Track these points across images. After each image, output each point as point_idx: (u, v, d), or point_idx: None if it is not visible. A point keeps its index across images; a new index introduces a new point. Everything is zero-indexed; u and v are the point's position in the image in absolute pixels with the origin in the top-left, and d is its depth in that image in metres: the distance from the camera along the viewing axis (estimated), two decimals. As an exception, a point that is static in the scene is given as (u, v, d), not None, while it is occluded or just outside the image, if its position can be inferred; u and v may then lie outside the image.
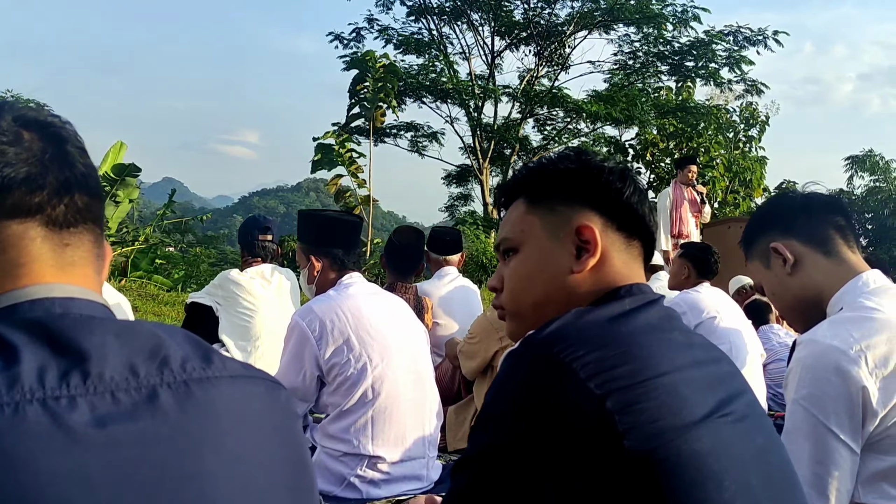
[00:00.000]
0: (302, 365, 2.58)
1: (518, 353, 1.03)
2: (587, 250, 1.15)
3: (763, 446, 1.06)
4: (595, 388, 0.94)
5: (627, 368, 0.97)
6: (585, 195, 1.17)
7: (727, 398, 1.05)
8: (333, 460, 2.55)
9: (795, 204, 1.76)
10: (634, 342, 1.02)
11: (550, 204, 1.19)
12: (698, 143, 20.43)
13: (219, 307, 3.74)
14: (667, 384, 0.98)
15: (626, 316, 1.08)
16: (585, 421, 0.93)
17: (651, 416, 0.94)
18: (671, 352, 1.04)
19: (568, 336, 1.01)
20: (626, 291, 1.13)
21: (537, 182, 1.21)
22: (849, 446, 1.45)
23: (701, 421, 0.98)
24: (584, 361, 0.96)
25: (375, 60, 15.37)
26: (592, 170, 1.19)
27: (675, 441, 0.94)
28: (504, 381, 1.02)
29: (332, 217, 2.81)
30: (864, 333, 1.48)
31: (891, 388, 1.44)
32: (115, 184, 12.31)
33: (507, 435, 0.98)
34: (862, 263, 1.69)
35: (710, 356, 1.12)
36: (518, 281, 1.20)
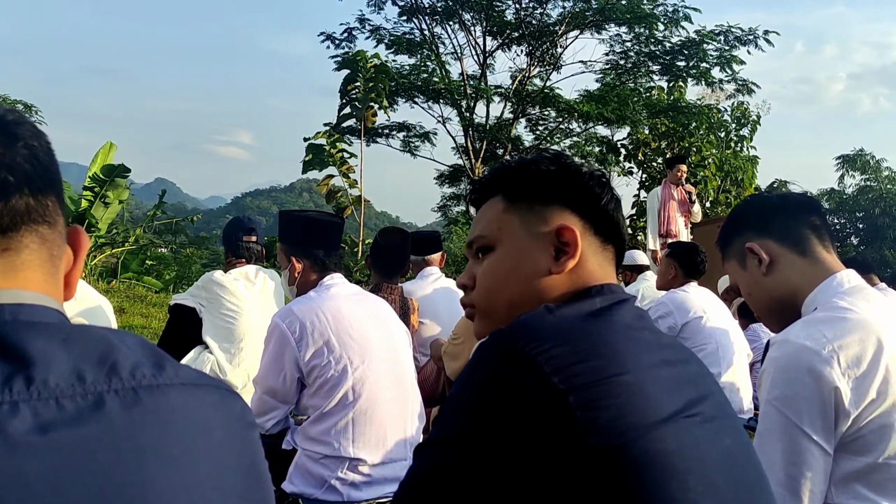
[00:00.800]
0: (282, 367, 2.56)
1: (486, 345, 1.02)
2: (566, 252, 1.15)
3: (730, 448, 1.05)
4: (559, 382, 0.94)
5: (592, 364, 0.97)
6: (565, 197, 1.17)
7: (695, 399, 1.05)
8: (314, 463, 2.54)
9: (771, 204, 1.76)
10: (601, 339, 1.02)
11: (530, 203, 1.18)
12: (690, 143, 20.45)
13: (202, 309, 3.72)
14: (632, 382, 0.98)
15: (596, 314, 1.08)
16: (548, 415, 0.93)
17: (615, 414, 0.94)
18: (639, 350, 1.04)
19: (535, 330, 1.01)
20: (597, 291, 1.13)
21: (517, 181, 1.20)
22: (821, 447, 1.44)
23: (666, 420, 0.97)
24: (550, 356, 0.96)
25: (366, 60, 15.36)
26: (573, 173, 1.19)
27: (639, 439, 0.94)
28: (470, 372, 1.02)
29: (313, 218, 2.80)
30: (836, 334, 1.48)
31: (863, 388, 1.43)
32: (104, 185, 12.27)
33: (469, 426, 0.98)
34: (837, 263, 1.68)
35: (679, 356, 1.11)
36: (493, 280, 1.19)
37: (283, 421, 2.70)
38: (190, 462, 0.80)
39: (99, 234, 12.75)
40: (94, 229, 12.51)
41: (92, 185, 12.26)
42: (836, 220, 30.01)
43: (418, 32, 21.39)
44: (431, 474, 1.00)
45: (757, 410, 4.48)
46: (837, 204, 29.44)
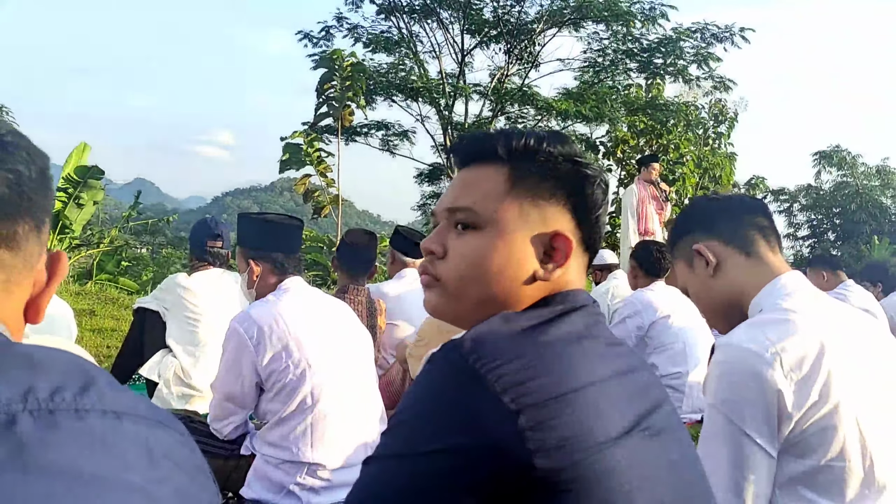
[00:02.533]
0: (240, 372, 2.53)
1: (437, 358, 0.98)
2: (555, 258, 1.08)
3: (677, 462, 1.03)
4: (509, 402, 0.91)
5: (543, 381, 0.94)
6: (569, 196, 1.10)
7: (645, 411, 1.03)
8: (273, 468, 2.51)
9: (718, 205, 1.76)
10: (554, 352, 0.99)
11: (534, 194, 1.09)
12: (668, 140, 20.56)
13: (166, 312, 3.69)
14: (583, 399, 0.95)
15: (551, 322, 1.04)
16: (497, 437, 0.90)
17: (564, 434, 0.92)
18: (592, 362, 1.01)
19: (487, 344, 0.97)
20: (561, 298, 1.09)
21: (529, 161, 1.10)
22: (765, 450, 1.44)
23: (617, 438, 0.95)
24: (500, 373, 0.93)
25: (343, 59, 15.29)
26: (582, 171, 1.11)
27: (587, 460, 0.92)
28: (420, 387, 0.99)
29: (272, 221, 2.77)
30: (779, 336, 1.48)
31: (805, 390, 1.43)
32: (78, 186, 12.16)
33: (415, 443, 0.94)
34: (782, 264, 1.68)
35: (630, 365, 1.08)
36: (474, 268, 1.09)
37: (241, 426, 2.68)
38: (100, 491, 0.77)
39: (73, 236, 12.64)
40: (68, 231, 12.40)
41: (65, 186, 12.15)
42: (813, 216, 30.25)
43: (396, 31, 21.32)
44: (376, 490, 0.96)
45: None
46: (814, 200, 29.66)
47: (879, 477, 1.43)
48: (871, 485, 1.43)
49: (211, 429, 2.68)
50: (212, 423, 2.67)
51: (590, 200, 1.11)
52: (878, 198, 28.31)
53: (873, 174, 29.46)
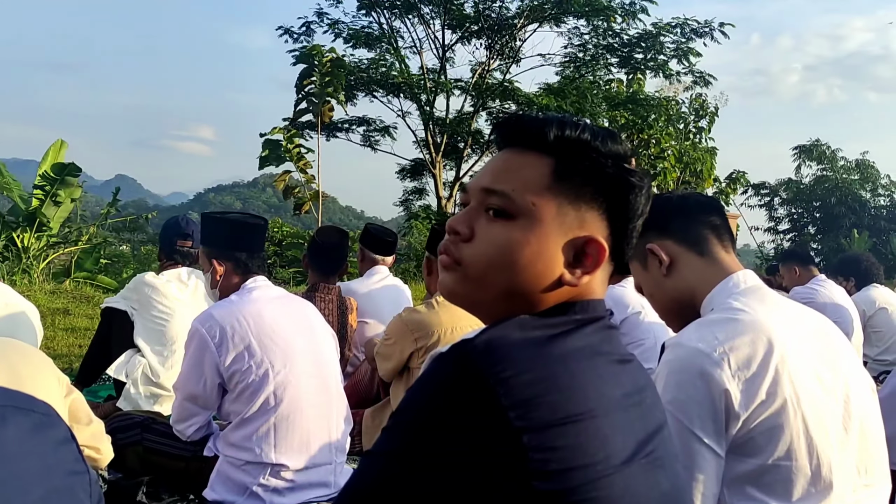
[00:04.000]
0: (202, 372, 2.52)
1: (444, 358, 0.93)
2: (584, 264, 1.03)
3: (668, 492, 1.00)
4: (514, 418, 0.87)
5: (552, 400, 0.90)
6: (610, 202, 1.04)
7: (646, 438, 0.99)
8: (236, 469, 2.50)
9: (671, 205, 1.75)
10: (566, 369, 0.94)
11: (577, 192, 1.02)
12: (649, 135, 20.64)
13: (134, 311, 3.66)
14: (589, 424, 0.92)
15: (567, 334, 0.99)
16: (497, 451, 0.87)
17: (567, 457, 0.89)
18: (601, 382, 0.97)
19: (500, 351, 0.92)
20: (581, 307, 1.03)
21: (577, 156, 1.03)
22: (713, 450, 1.44)
23: (617, 466, 0.92)
24: (510, 385, 0.89)
25: (322, 55, 15.23)
26: (627, 178, 1.04)
27: (586, 486, 0.89)
28: (423, 386, 0.94)
29: (235, 220, 2.74)
30: (728, 335, 1.48)
31: (752, 389, 1.43)
32: (55, 183, 12.05)
33: (413, 444, 0.91)
34: (735, 263, 1.68)
35: (636, 384, 1.04)
36: (502, 257, 1.01)
37: (205, 427, 2.66)
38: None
39: (51, 234, 12.52)
40: (46, 228, 12.29)
41: (42, 183, 12.03)
42: (793, 210, 30.44)
43: (377, 26, 21.28)
44: (372, 486, 0.93)
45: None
46: (795, 194, 29.85)
47: (826, 476, 1.44)
48: (818, 484, 1.44)
49: (174, 430, 2.66)
50: (174, 425, 2.65)
51: (630, 209, 1.05)
52: (857, 191, 28.55)
53: (853, 168, 29.70)
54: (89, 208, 31.97)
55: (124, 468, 2.71)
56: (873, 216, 28.17)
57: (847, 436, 1.50)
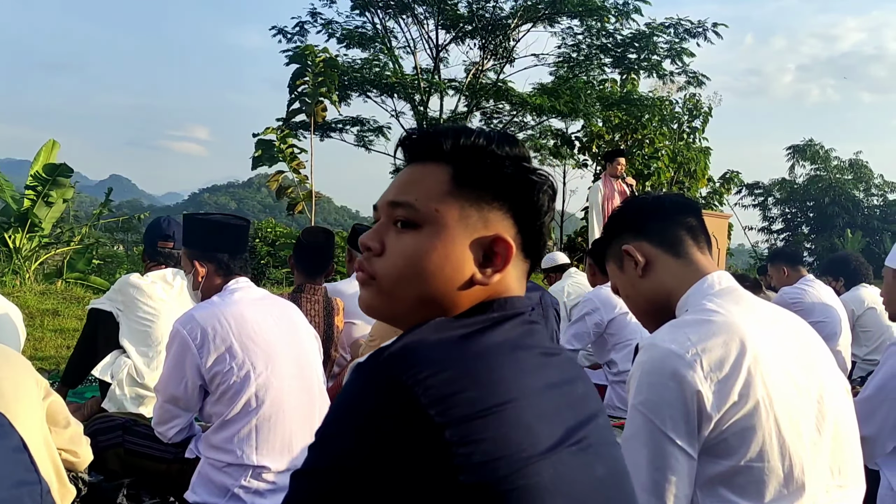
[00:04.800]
0: (183, 374, 2.51)
1: (362, 368, 0.95)
2: (494, 263, 1.05)
3: (603, 478, 1.02)
4: (435, 415, 0.89)
5: (471, 395, 0.92)
6: (513, 201, 1.07)
7: (576, 425, 1.01)
8: (217, 471, 2.49)
9: (647, 206, 1.76)
10: (485, 364, 0.96)
11: (477, 195, 1.05)
12: (643, 135, 20.60)
13: (119, 313, 3.64)
14: (511, 414, 0.93)
15: (485, 332, 1.01)
16: (422, 451, 0.88)
17: (490, 449, 0.90)
18: (523, 374, 0.99)
19: (415, 354, 0.94)
20: (499, 305, 1.06)
21: (474, 162, 1.06)
22: (685, 451, 1.44)
23: (543, 453, 0.93)
24: (427, 385, 0.90)
25: (315, 55, 15.20)
26: (528, 177, 1.08)
27: (512, 476, 0.90)
28: (344, 398, 0.95)
29: (217, 221, 2.74)
30: (701, 336, 1.47)
31: (725, 391, 1.43)
32: (47, 184, 12.02)
33: (339, 457, 0.91)
34: (710, 264, 1.68)
35: (564, 376, 1.06)
36: (411, 267, 1.04)
37: (186, 429, 2.65)
38: None
39: (43, 234, 12.49)
40: (38, 229, 12.26)
41: (34, 184, 12.01)
42: (787, 210, 30.54)
43: (370, 26, 21.25)
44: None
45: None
46: (789, 193, 29.95)
47: (798, 477, 1.44)
48: (791, 485, 1.44)
49: (155, 432, 2.65)
50: (156, 427, 2.64)
51: (534, 207, 1.08)
52: (850, 191, 28.66)
53: (846, 168, 29.80)
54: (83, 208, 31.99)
55: (105, 470, 2.70)
56: (866, 216, 28.27)
57: (820, 437, 1.50)
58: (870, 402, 2.40)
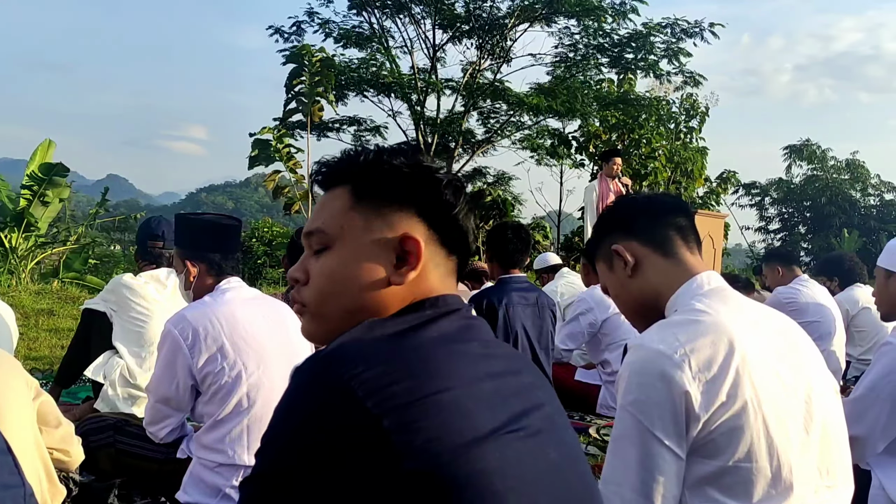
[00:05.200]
0: (174, 374, 2.50)
1: (300, 371, 0.98)
2: (408, 262, 1.09)
3: (557, 462, 1.04)
4: (372, 406, 0.91)
5: (408, 385, 0.94)
6: (416, 202, 1.11)
7: (521, 412, 1.03)
8: (209, 471, 2.48)
9: (637, 206, 1.76)
10: (419, 356, 0.99)
11: (378, 204, 1.11)
12: (640, 135, 20.64)
13: (113, 313, 3.64)
14: (449, 400, 0.95)
15: (419, 328, 1.05)
16: (363, 442, 0.90)
17: (430, 435, 0.91)
18: (461, 364, 1.02)
19: (350, 353, 0.98)
20: (430, 303, 1.10)
21: (368, 176, 1.12)
22: (674, 452, 1.43)
23: (486, 437, 0.95)
24: (363, 379, 0.93)
25: (312, 55, 15.20)
26: (428, 177, 1.12)
27: (456, 461, 0.92)
28: (285, 402, 0.98)
29: (209, 221, 2.73)
30: (689, 337, 1.47)
31: (713, 391, 1.43)
32: (42, 183, 12.00)
33: (284, 460, 0.94)
34: (699, 264, 1.68)
35: (508, 367, 1.09)
36: (329, 283, 1.11)
37: (178, 429, 2.65)
38: None
39: (39, 234, 12.48)
40: (34, 228, 12.24)
41: (30, 183, 11.99)
42: (784, 210, 30.57)
43: (367, 26, 21.24)
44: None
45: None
46: (786, 193, 29.97)
47: (786, 477, 1.43)
48: (778, 485, 1.43)
49: (147, 432, 2.64)
50: (147, 427, 2.64)
51: (440, 203, 1.12)
52: (847, 191, 28.69)
53: (843, 168, 29.84)
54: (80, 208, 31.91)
55: (97, 470, 2.70)
56: (863, 216, 28.30)
57: (808, 437, 1.49)
58: (861, 402, 2.40)
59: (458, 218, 1.13)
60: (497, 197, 20.09)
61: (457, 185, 1.14)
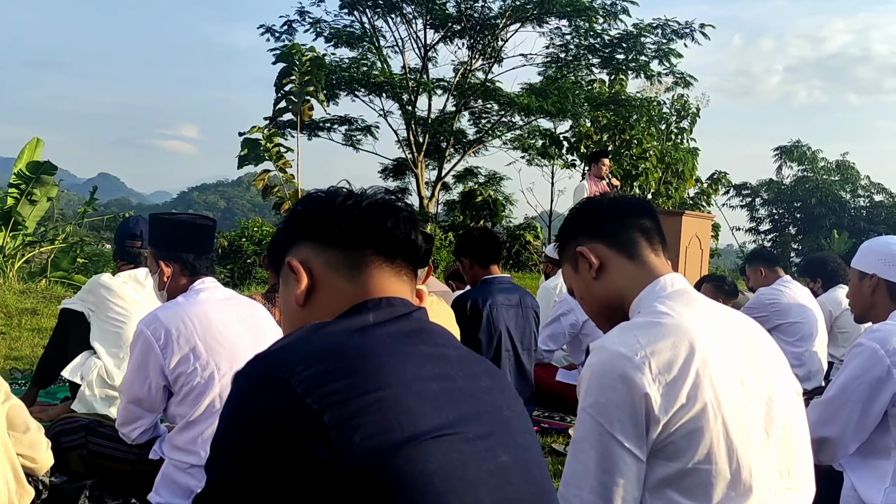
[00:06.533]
0: (147, 375, 2.49)
1: (241, 373, 1.00)
2: (298, 280, 1.17)
3: (506, 465, 1.04)
4: (311, 403, 0.92)
5: (347, 382, 0.95)
6: (301, 232, 1.21)
7: (470, 414, 1.03)
8: (181, 473, 2.47)
9: (602, 208, 1.75)
10: (361, 355, 1.00)
11: (280, 253, 1.23)
12: (631, 135, 20.66)
13: (91, 313, 3.62)
14: (390, 398, 0.96)
15: (362, 330, 1.06)
16: (304, 440, 0.91)
17: (369, 432, 0.92)
18: (405, 364, 1.02)
19: (290, 353, 1.00)
20: (373, 305, 1.11)
21: (272, 247, 1.28)
22: (633, 454, 1.43)
23: (428, 437, 0.95)
24: (302, 377, 0.94)
25: (302, 54, 15.18)
26: (308, 209, 1.21)
27: (395, 459, 0.92)
28: (227, 406, 1.00)
29: (182, 221, 2.72)
30: (650, 339, 1.47)
31: (673, 393, 1.43)
32: (30, 182, 11.95)
33: (232, 467, 0.96)
34: (664, 266, 1.68)
35: (462, 371, 1.09)
36: (283, 314, 1.25)
37: (151, 430, 2.63)
38: None
39: (26, 233, 12.42)
40: (21, 227, 12.18)
41: (18, 182, 11.93)
42: (774, 211, 30.63)
43: (359, 25, 21.22)
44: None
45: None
46: (776, 194, 30.04)
47: (745, 479, 1.43)
48: (738, 487, 1.43)
49: (119, 433, 2.63)
50: (119, 428, 2.62)
51: (319, 228, 1.18)
52: (837, 192, 28.76)
53: (833, 169, 29.92)
54: (71, 207, 31.78)
55: (68, 472, 2.68)
56: (853, 217, 28.39)
57: (769, 440, 1.49)
58: (833, 404, 2.41)
59: (339, 230, 1.17)
60: (488, 197, 20.08)
61: (342, 197, 1.19)
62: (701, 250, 8.55)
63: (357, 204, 1.18)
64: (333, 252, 1.17)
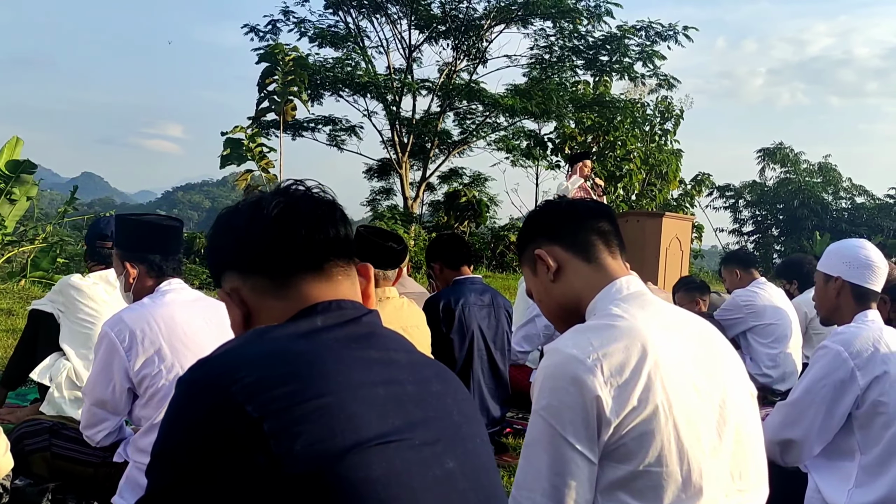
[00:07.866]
0: (111, 377, 2.47)
1: (182, 379, 1.00)
2: (233, 308, 1.17)
3: (452, 471, 1.03)
4: (252, 411, 0.91)
5: (289, 388, 0.94)
6: (223, 264, 1.19)
7: (418, 420, 1.02)
8: (144, 475, 2.45)
9: (560, 210, 1.75)
10: (305, 361, 0.99)
11: (218, 284, 1.22)
12: (615, 137, 20.74)
13: (60, 314, 3.59)
14: (333, 404, 0.95)
15: (307, 335, 1.04)
16: (244, 447, 0.90)
17: (311, 439, 0.91)
18: (351, 370, 1.01)
19: (232, 359, 0.98)
20: (322, 308, 1.09)
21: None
22: (585, 456, 1.43)
23: (371, 444, 0.94)
24: (244, 384, 0.93)
25: (284, 53, 15.14)
26: (218, 236, 1.21)
27: (337, 466, 0.91)
28: (168, 412, 0.99)
29: (148, 222, 2.69)
30: (602, 342, 1.47)
31: (624, 396, 1.43)
32: (9, 181, 11.84)
33: (172, 473, 0.95)
34: (620, 269, 1.68)
35: (412, 376, 1.08)
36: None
37: (115, 432, 2.61)
38: None
39: (6, 232, 12.31)
40: (0, 227, 12.07)
41: (-6, 181, 11.82)
42: (757, 212, 30.81)
43: (343, 25, 21.20)
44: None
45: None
46: (759, 196, 30.21)
47: (696, 481, 1.44)
48: (689, 489, 1.44)
49: (84, 436, 2.60)
50: (83, 431, 2.59)
51: (233, 258, 1.17)
52: (819, 194, 28.96)
53: (815, 171, 30.14)
54: (54, 206, 31.53)
55: (32, 475, 2.65)
56: (835, 218, 28.61)
57: (721, 442, 1.50)
58: (797, 406, 2.42)
59: (266, 259, 1.14)
60: (472, 198, 20.10)
61: (253, 218, 1.14)
62: (681, 251, 8.59)
63: (265, 218, 1.12)
64: (257, 278, 1.13)
